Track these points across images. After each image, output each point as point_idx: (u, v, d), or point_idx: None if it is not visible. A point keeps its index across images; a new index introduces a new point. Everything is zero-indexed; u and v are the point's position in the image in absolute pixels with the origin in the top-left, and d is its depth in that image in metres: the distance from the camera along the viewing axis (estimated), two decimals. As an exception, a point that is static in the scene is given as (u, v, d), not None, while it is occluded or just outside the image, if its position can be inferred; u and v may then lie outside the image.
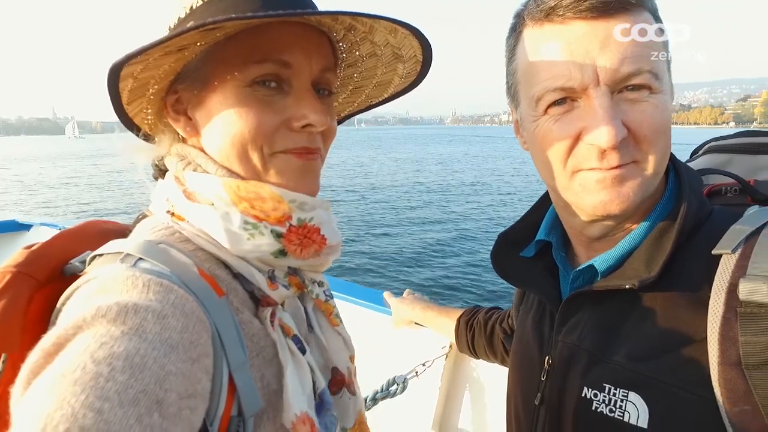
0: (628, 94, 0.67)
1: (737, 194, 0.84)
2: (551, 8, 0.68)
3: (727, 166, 0.91)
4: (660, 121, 0.68)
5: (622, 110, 0.67)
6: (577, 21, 0.67)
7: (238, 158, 0.66)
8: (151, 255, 0.58)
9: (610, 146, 0.66)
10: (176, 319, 0.50)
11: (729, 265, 0.63)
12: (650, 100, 0.67)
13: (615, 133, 0.65)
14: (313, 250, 0.68)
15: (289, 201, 0.65)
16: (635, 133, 0.68)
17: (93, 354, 0.43)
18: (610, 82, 0.66)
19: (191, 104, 0.68)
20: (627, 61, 0.65)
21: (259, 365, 0.62)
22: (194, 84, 0.66)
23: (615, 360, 0.71)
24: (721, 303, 0.62)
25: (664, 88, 0.68)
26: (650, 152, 0.69)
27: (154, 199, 0.70)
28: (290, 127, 0.66)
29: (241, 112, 0.64)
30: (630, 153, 0.68)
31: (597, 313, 0.76)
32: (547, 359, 0.82)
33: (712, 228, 0.70)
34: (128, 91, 0.64)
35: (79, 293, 0.55)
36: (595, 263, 0.77)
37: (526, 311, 0.96)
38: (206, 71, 0.65)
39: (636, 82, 0.66)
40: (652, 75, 0.66)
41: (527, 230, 0.93)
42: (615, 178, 0.69)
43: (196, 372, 0.49)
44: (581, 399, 0.73)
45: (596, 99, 0.67)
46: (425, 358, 1.74)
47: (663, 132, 0.68)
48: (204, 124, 0.67)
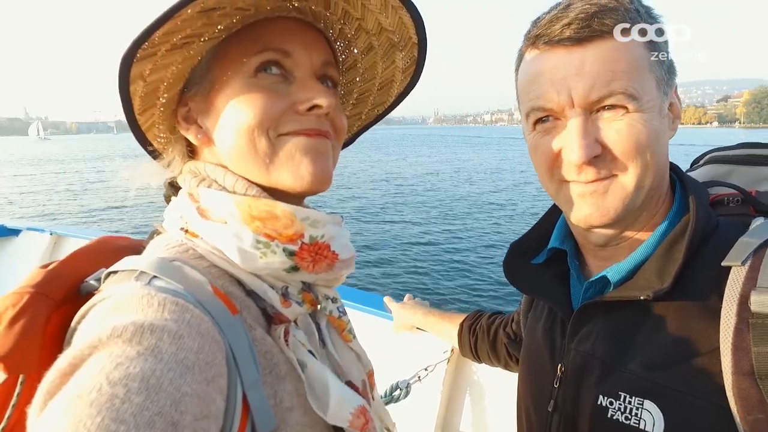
0: (604, 113, 0.73)
1: (739, 204, 0.87)
2: (536, 36, 0.76)
3: (728, 176, 0.94)
4: (635, 138, 0.72)
5: (598, 129, 0.73)
6: (557, 49, 0.74)
7: (248, 148, 0.66)
8: (166, 273, 0.58)
9: (579, 163, 0.73)
10: (192, 339, 0.50)
11: (739, 277, 0.65)
12: (625, 119, 0.72)
13: (583, 152, 0.72)
14: (325, 264, 0.68)
15: (301, 219, 0.65)
16: (611, 150, 0.73)
17: (108, 375, 0.43)
18: (584, 104, 0.73)
19: (201, 112, 0.69)
20: (598, 86, 0.71)
21: (272, 382, 0.62)
22: (202, 89, 0.67)
23: (629, 369, 0.73)
24: (733, 314, 0.64)
25: (644, 106, 0.72)
26: (629, 167, 0.73)
27: (168, 215, 0.71)
28: (296, 111, 0.67)
29: (246, 100, 0.65)
30: (608, 167, 0.74)
31: (610, 322, 0.78)
32: (560, 367, 0.84)
33: (720, 240, 0.73)
34: (139, 98, 0.65)
35: (94, 312, 0.55)
36: (608, 274, 0.79)
37: (535, 319, 0.98)
38: (212, 74, 0.66)
39: (609, 103, 0.72)
40: (626, 96, 0.71)
41: (538, 239, 0.95)
42: (593, 192, 0.75)
43: (211, 393, 0.49)
44: (597, 407, 0.75)
45: (571, 120, 0.74)
46: (427, 363, 1.75)
47: (640, 149, 0.72)
48: (214, 126, 0.68)
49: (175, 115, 0.71)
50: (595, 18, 0.71)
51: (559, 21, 0.73)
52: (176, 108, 0.70)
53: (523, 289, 0.95)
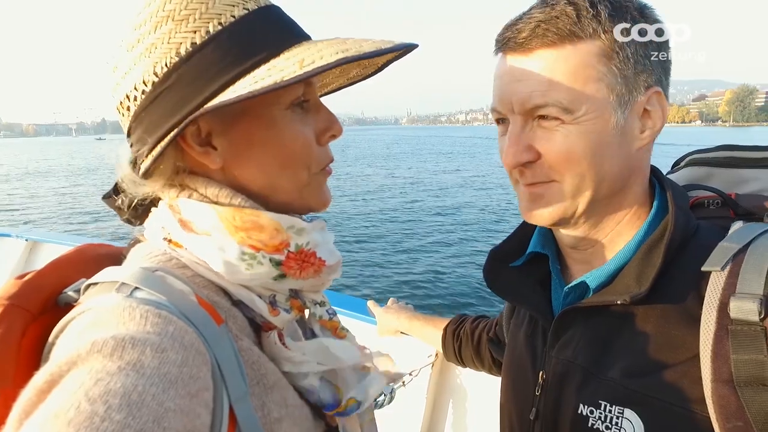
0: (542, 122, 0.73)
1: (719, 207, 0.86)
2: (497, 39, 0.77)
3: (708, 179, 0.93)
4: (567, 149, 0.71)
5: (536, 136, 0.74)
6: (508, 53, 0.75)
7: (287, 178, 0.67)
8: (148, 283, 0.56)
9: (508, 167, 0.77)
10: (175, 352, 0.48)
11: (719, 283, 0.64)
12: (560, 130, 0.72)
13: (510, 158, 0.74)
14: (312, 271, 0.67)
15: (287, 228, 0.64)
16: (546, 158, 0.74)
17: (88, 392, 0.41)
18: (522, 111, 0.73)
19: (220, 134, 0.65)
20: (535, 94, 0.71)
21: (259, 393, 0.61)
22: (225, 113, 0.63)
23: (609, 376, 0.72)
24: (712, 321, 0.63)
25: (581, 119, 0.70)
26: (566, 175, 0.73)
27: (149, 226, 0.68)
28: (320, 143, 0.69)
29: (291, 133, 0.65)
30: (545, 173, 0.75)
31: (590, 328, 0.77)
32: (541, 374, 0.82)
33: (700, 244, 0.72)
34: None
35: (73, 326, 0.53)
36: (587, 279, 0.78)
37: (517, 325, 0.96)
38: (244, 102, 0.62)
39: (542, 113, 0.72)
40: (560, 109, 0.70)
41: (518, 244, 0.94)
42: (531, 195, 0.77)
43: (196, 407, 0.48)
44: (577, 416, 0.74)
45: (511, 125, 0.76)
46: (411, 367, 1.74)
47: (574, 159, 0.72)
48: (240, 151, 0.65)
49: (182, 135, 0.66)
50: (541, 26, 0.70)
51: (513, 27, 0.73)
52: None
53: (504, 296, 0.93)
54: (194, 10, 0.60)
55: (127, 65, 0.62)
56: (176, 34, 0.60)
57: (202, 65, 0.59)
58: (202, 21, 0.60)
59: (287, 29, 0.65)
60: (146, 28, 0.60)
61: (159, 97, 0.60)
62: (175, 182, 0.67)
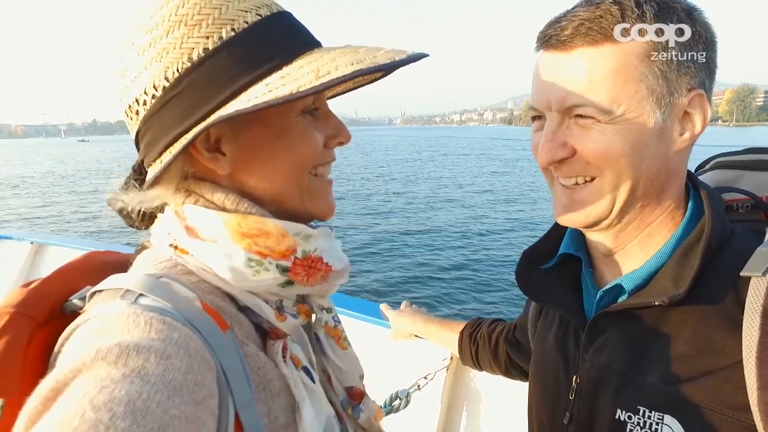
0: (579, 120, 0.73)
1: (749, 210, 0.86)
2: (537, 38, 0.77)
3: (737, 181, 0.92)
4: (606, 146, 0.71)
5: (572, 133, 0.73)
6: (549, 51, 0.74)
7: (292, 183, 0.67)
8: (153, 290, 0.56)
9: (542, 164, 0.76)
10: (180, 359, 0.48)
11: (761, 288, 0.63)
12: (597, 128, 0.71)
13: (546, 156, 0.74)
14: (320, 277, 0.67)
15: (293, 234, 0.64)
16: (581, 154, 0.73)
17: (92, 399, 0.41)
18: (559, 109, 0.73)
19: (228, 139, 0.64)
20: (572, 93, 0.71)
21: (265, 399, 0.61)
22: (236, 120, 0.61)
23: (648, 381, 0.71)
24: (756, 327, 0.62)
25: (618, 119, 0.70)
26: (605, 171, 0.73)
27: (155, 232, 0.68)
28: (327, 146, 0.70)
29: (301, 140, 0.65)
30: (582, 168, 0.74)
31: (625, 332, 0.76)
32: (575, 378, 0.81)
33: (736, 248, 0.71)
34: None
35: (78, 334, 0.53)
36: (622, 282, 0.77)
37: (545, 328, 0.95)
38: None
39: (579, 113, 0.72)
40: (597, 109, 0.70)
41: (551, 245, 0.93)
42: (571, 192, 0.77)
43: (201, 415, 0.47)
44: (615, 421, 0.73)
45: (547, 122, 0.75)
46: (426, 371, 1.73)
47: (613, 156, 0.71)
48: (249, 157, 0.65)
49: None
50: (585, 24, 0.69)
51: (556, 24, 0.72)
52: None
53: (535, 298, 0.93)
54: (207, 15, 0.59)
55: (137, 69, 0.61)
56: (189, 39, 0.59)
57: (215, 71, 0.59)
58: (215, 26, 0.59)
59: (299, 36, 0.65)
60: (158, 32, 0.60)
61: (170, 102, 0.60)
62: (182, 187, 0.67)
